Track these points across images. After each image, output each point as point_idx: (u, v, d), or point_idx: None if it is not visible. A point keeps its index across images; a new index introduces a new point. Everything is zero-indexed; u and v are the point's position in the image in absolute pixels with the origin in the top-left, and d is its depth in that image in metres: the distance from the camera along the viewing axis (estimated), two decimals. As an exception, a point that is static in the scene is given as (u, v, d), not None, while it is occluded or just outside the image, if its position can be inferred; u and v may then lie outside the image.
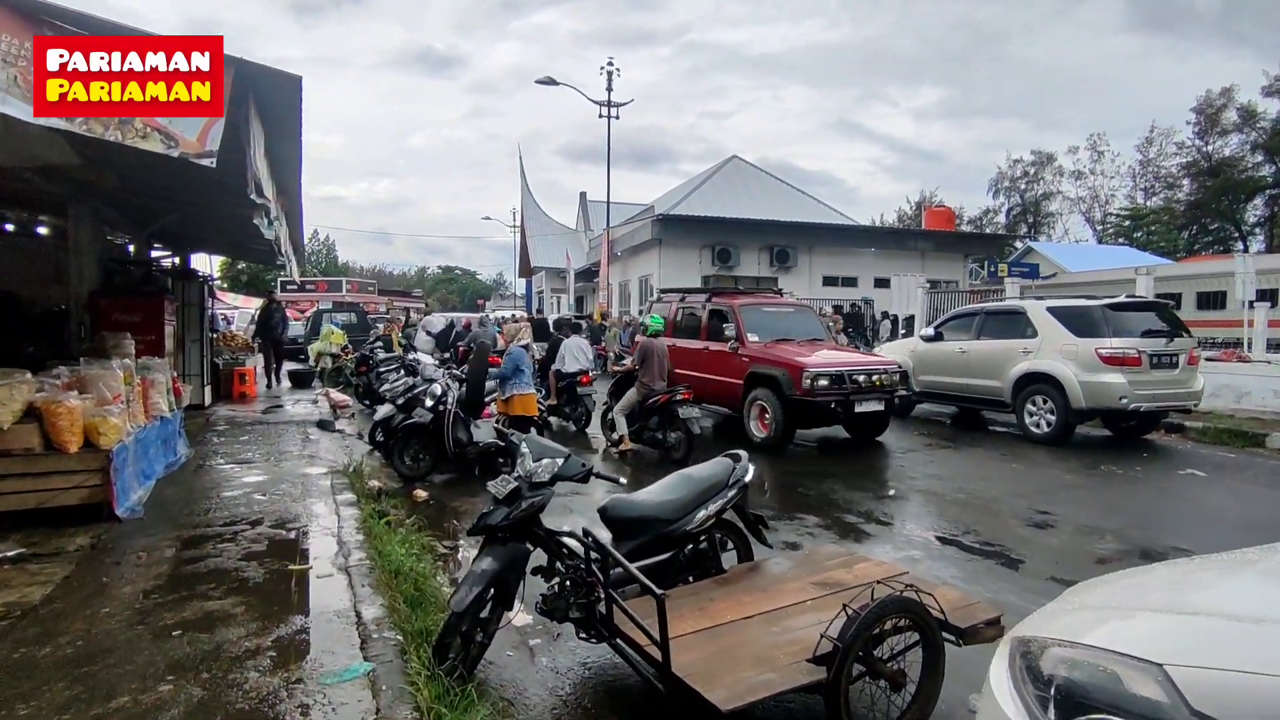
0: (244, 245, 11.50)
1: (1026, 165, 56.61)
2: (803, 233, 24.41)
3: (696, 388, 9.05)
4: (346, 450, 8.30)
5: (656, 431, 8.36)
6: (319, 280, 58.03)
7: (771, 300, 10.97)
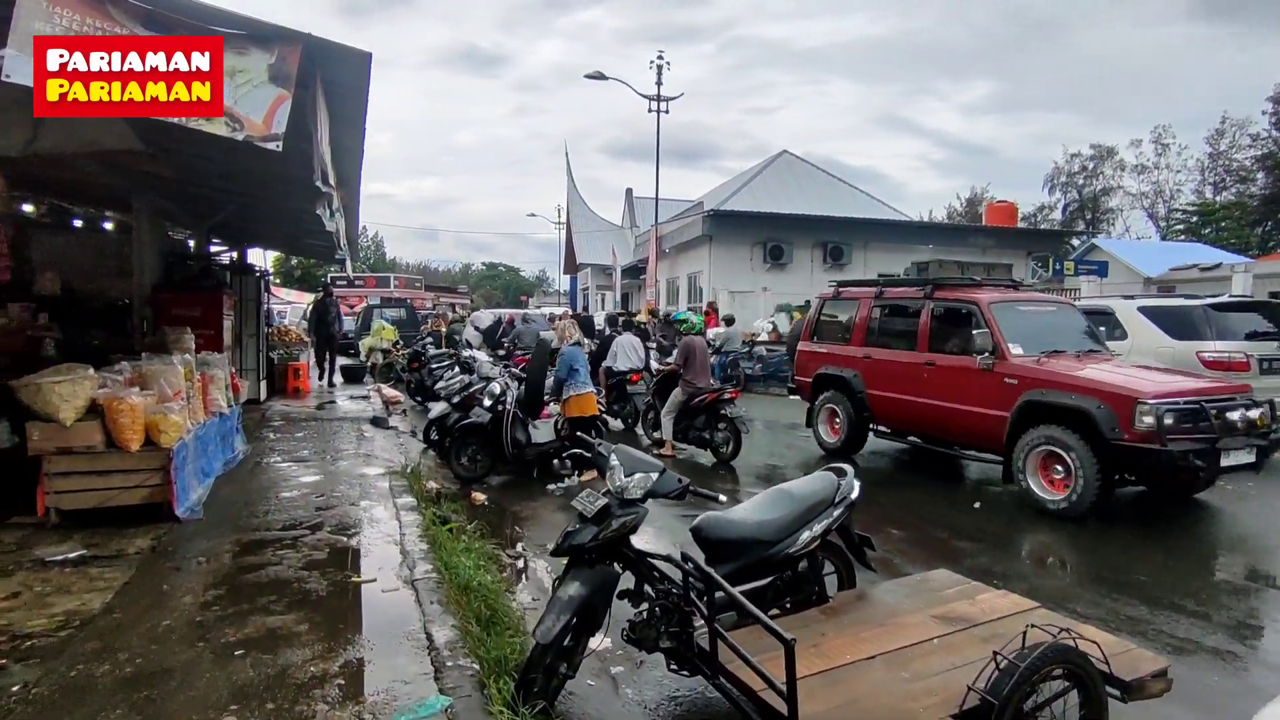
0: (300, 240, 11.48)
1: (1085, 159, 54.19)
2: (858, 229, 23.68)
3: (911, 416, 7.51)
4: (401, 449, 8.14)
5: (704, 431, 8.08)
6: (368, 276, 59.05)
7: (1026, 296, 7.98)
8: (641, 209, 41.12)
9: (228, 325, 8.39)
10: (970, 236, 24.20)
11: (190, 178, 7.09)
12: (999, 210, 24.73)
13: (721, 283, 21.73)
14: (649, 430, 9.18)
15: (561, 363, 7.21)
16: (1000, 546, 5.38)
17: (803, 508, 3.27)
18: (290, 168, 5.13)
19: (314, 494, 5.57)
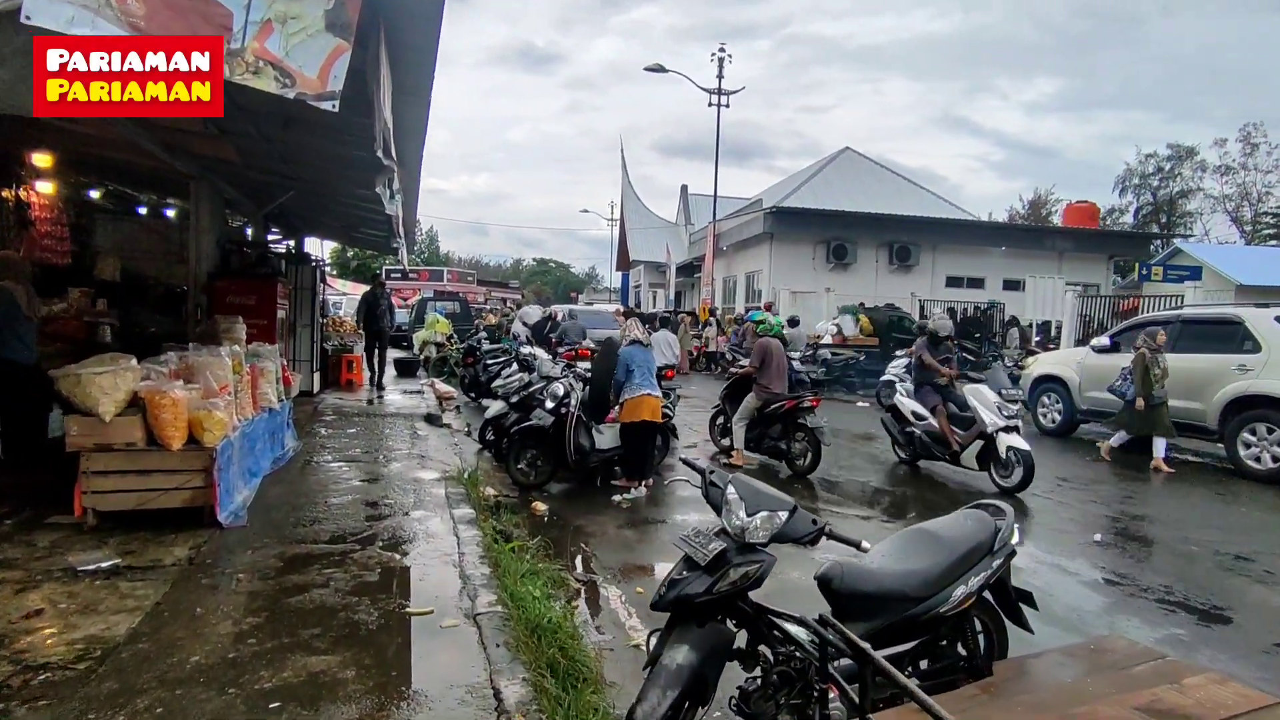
0: (357, 230, 11.22)
1: (1161, 160, 51.08)
2: (926, 228, 22.58)
3: None
4: (456, 449, 7.71)
5: (779, 441, 7.53)
6: (422, 269, 59.71)
7: None
8: (696, 206, 40.41)
9: (281, 315, 8.10)
10: (1046, 239, 22.91)
11: (250, 161, 6.79)
12: (1079, 211, 23.30)
13: (782, 282, 20.95)
14: (716, 437, 8.64)
15: (620, 364, 6.66)
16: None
17: (955, 556, 2.65)
18: (348, 144, 4.72)
19: (365, 500, 5.14)
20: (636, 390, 6.52)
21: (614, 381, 6.64)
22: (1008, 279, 22.62)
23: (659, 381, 9.96)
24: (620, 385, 6.59)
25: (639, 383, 6.57)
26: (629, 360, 6.61)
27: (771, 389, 7.57)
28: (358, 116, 3.70)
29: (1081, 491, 7.13)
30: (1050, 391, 10.47)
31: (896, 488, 7.16)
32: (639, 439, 6.60)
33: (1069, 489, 7.20)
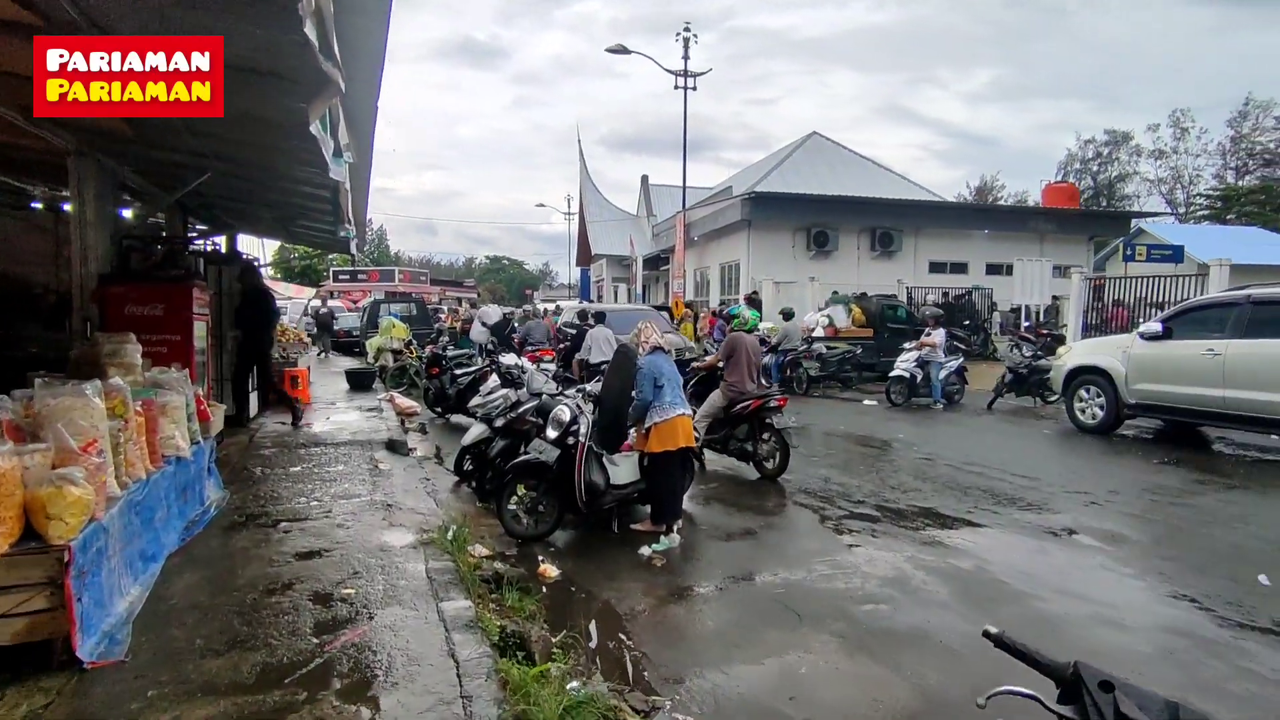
0: (297, 222, 9.53)
1: (1099, 146, 52.90)
2: (908, 212, 21.69)
3: None
4: (428, 485, 6.24)
5: (745, 442, 6.97)
6: (371, 270, 57.26)
7: None
8: (658, 197, 39.12)
9: (200, 328, 6.46)
10: (1029, 220, 22.26)
11: (146, 134, 5.18)
12: (1059, 191, 22.72)
13: (763, 272, 19.80)
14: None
15: (643, 378, 5.26)
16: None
17: None
18: (281, 109, 3.26)
19: (313, 592, 3.64)
20: (669, 411, 5.14)
21: (637, 401, 5.25)
22: (990, 263, 21.93)
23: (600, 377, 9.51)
24: (646, 405, 5.20)
25: (670, 401, 5.20)
26: (655, 373, 5.22)
27: (742, 388, 6.81)
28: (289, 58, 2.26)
29: (1180, 508, 6.02)
30: (1089, 384, 9.42)
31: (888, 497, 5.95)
32: (670, 472, 5.23)
33: (1166, 504, 6.08)
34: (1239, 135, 48.56)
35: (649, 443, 5.24)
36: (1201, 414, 8.25)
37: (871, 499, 6.15)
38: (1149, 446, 8.56)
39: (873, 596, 4.11)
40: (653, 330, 5.63)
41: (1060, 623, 3.76)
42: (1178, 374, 8.37)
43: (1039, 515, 5.73)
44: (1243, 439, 8.78)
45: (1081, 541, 5.11)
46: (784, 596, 4.09)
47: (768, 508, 5.97)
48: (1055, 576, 4.45)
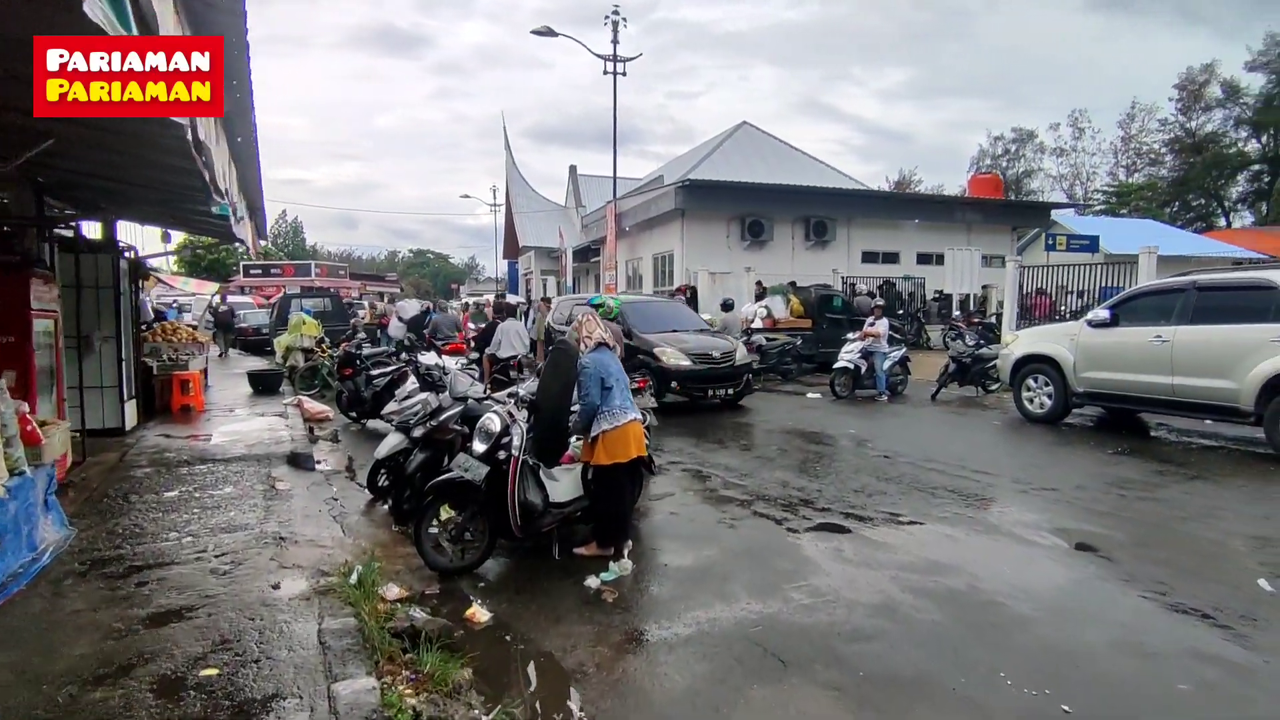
0: (181, 205, 8.30)
1: (1007, 143, 55.93)
2: (841, 202, 21.57)
3: None
4: (335, 509, 5.37)
5: None
6: (285, 264, 54.28)
7: None
8: (587, 188, 38.25)
9: (43, 327, 5.34)
10: (956, 211, 22.51)
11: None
12: (984, 182, 23.12)
13: (698, 263, 19.28)
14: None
15: (588, 380, 4.55)
16: None
17: None
18: None
19: (163, 675, 2.78)
20: (619, 416, 4.45)
21: (582, 406, 4.53)
22: (921, 252, 22.08)
23: (509, 373, 9.54)
24: (592, 411, 4.49)
25: (620, 404, 4.50)
26: (601, 373, 4.51)
27: None
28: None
29: (1149, 503, 5.73)
30: (1037, 373, 9.24)
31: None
32: (619, 486, 4.54)
33: (1134, 499, 5.78)
34: (1128, 135, 52.02)
35: (596, 454, 4.53)
36: (1150, 402, 8.14)
37: (837, 505, 5.62)
38: (1097, 435, 8.40)
39: (862, 631, 3.53)
40: (595, 323, 4.90)
41: (1079, 656, 3.26)
42: (1126, 362, 8.24)
43: (1014, 518, 5.31)
44: (1181, 425, 8.76)
45: (1066, 547, 4.70)
46: (762, 636, 3.46)
47: (727, 520, 5.35)
48: (1053, 594, 3.99)
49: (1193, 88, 47.46)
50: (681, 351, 9.83)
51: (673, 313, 11.84)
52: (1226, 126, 47.61)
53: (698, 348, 10.07)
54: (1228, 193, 49.45)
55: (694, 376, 9.80)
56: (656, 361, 9.66)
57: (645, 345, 10.03)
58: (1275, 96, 44.06)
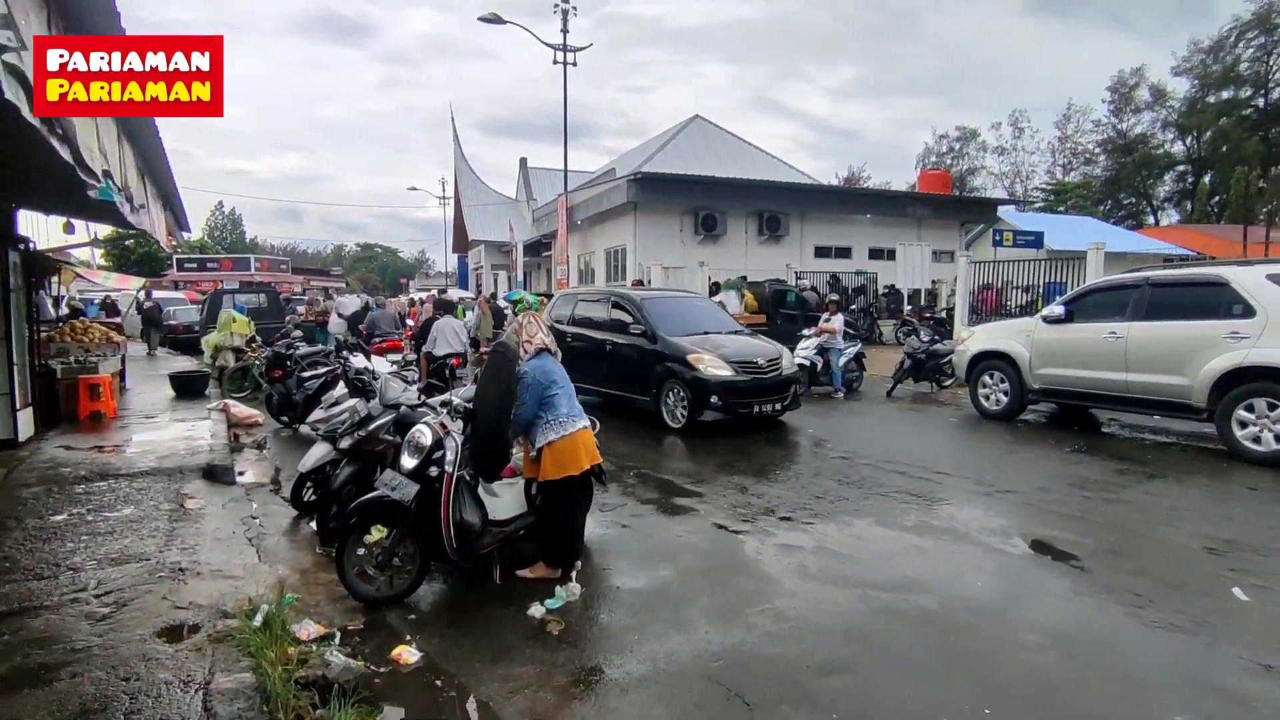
0: (85, 191, 7.54)
1: (952, 141, 57.58)
2: (795, 197, 21.52)
3: None
4: (253, 528, 4.84)
5: None
6: (223, 258, 52.15)
7: None
8: (539, 181, 37.62)
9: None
10: (907, 206, 22.69)
11: None
12: (934, 178, 23.38)
13: (651, 257, 18.96)
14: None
15: (526, 391, 4.14)
16: None
17: None
18: None
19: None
20: (567, 424, 4.08)
21: (516, 418, 4.12)
22: (873, 247, 22.20)
23: (446, 371, 9.37)
24: (527, 422, 4.09)
25: (568, 412, 4.12)
26: (545, 381, 4.12)
27: None
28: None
29: (1114, 505, 5.59)
30: (993, 370, 9.16)
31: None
32: (569, 502, 4.15)
33: (1099, 501, 5.63)
34: (1065, 135, 54.03)
35: (542, 467, 4.13)
36: (1105, 398, 8.09)
37: (798, 514, 5.33)
38: (1053, 432, 8.34)
39: (833, 663, 3.21)
40: (537, 326, 4.48)
41: (1069, 688, 3.00)
42: (1082, 358, 8.18)
43: (981, 524, 5.09)
44: (1131, 420, 8.78)
45: (1039, 559, 4.48)
46: (724, 673, 3.11)
47: (682, 532, 5.00)
48: (1034, 612, 3.73)
49: (1123, 90, 49.51)
50: (721, 359, 8.07)
51: (700, 311, 9.88)
52: (1155, 128, 49.85)
53: (740, 354, 8.28)
54: (1156, 192, 51.75)
55: (737, 389, 8.02)
56: (691, 371, 8.06)
57: (675, 352, 8.32)
58: (1198, 100, 46.17)
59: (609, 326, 9.40)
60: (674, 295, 10.62)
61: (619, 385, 9.12)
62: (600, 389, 9.32)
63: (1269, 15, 41.61)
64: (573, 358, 9.16)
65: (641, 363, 8.68)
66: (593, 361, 9.26)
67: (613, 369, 9.15)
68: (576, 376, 8.90)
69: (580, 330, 9.75)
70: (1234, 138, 44.30)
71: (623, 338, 9.06)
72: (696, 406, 8.05)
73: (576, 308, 10.17)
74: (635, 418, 8.80)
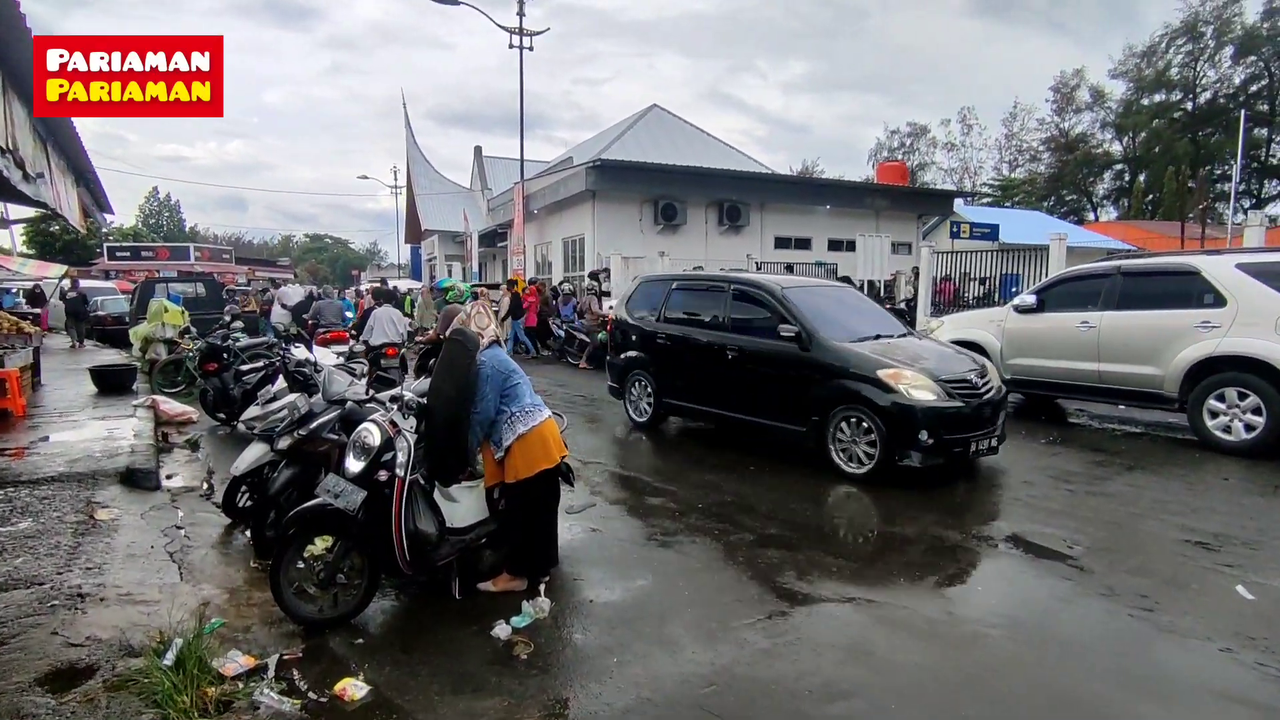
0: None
1: (903, 136, 58.78)
2: (755, 186, 21.29)
3: None
4: (175, 541, 4.30)
5: None
6: (159, 246, 49.79)
7: None
8: (494, 170, 36.72)
9: None
10: (866, 197, 22.69)
11: None
12: (891, 169, 23.43)
13: (610, 246, 18.50)
14: None
15: (485, 383, 3.70)
16: None
17: None
18: None
19: None
20: (532, 415, 3.67)
21: (477, 416, 3.68)
22: (832, 238, 22.14)
23: (381, 361, 9.16)
24: (490, 419, 3.66)
25: (531, 402, 3.72)
26: (504, 370, 3.69)
27: None
28: None
29: (1099, 499, 5.43)
30: (963, 360, 9.01)
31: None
32: (538, 503, 3.74)
33: (1083, 494, 5.46)
34: (1011, 133, 55.56)
35: (511, 467, 3.70)
36: (1077, 388, 8.01)
37: (780, 512, 5.01)
38: (1024, 423, 8.19)
39: (836, 686, 2.88)
40: (487, 316, 4.03)
41: (1094, 706, 2.73)
42: (1053, 348, 8.07)
43: (970, 521, 4.85)
44: (1098, 410, 8.75)
45: (1036, 560, 4.24)
46: (716, 701, 2.76)
47: (658, 535, 4.63)
48: (1038, 619, 3.47)
49: (1065, 90, 51.08)
50: (927, 376, 5.68)
51: (858, 306, 7.43)
52: (1094, 128, 51.57)
53: (945, 368, 5.93)
54: (1095, 189, 53.55)
55: (952, 420, 5.58)
56: (887, 394, 5.58)
57: (851, 364, 5.90)
58: (1133, 103, 47.85)
59: (730, 326, 7.03)
60: (818, 284, 7.85)
61: (751, 408, 6.75)
62: (719, 411, 7.15)
63: (1195, 24, 43.22)
64: (668, 365, 7.66)
65: (791, 378, 6.33)
66: (704, 373, 7.18)
67: (740, 385, 6.85)
68: (679, 391, 7.60)
69: (679, 330, 7.54)
70: (1166, 139, 45.97)
71: (756, 341, 6.67)
72: (895, 444, 5.52)
73: (671, 299, 7.83)
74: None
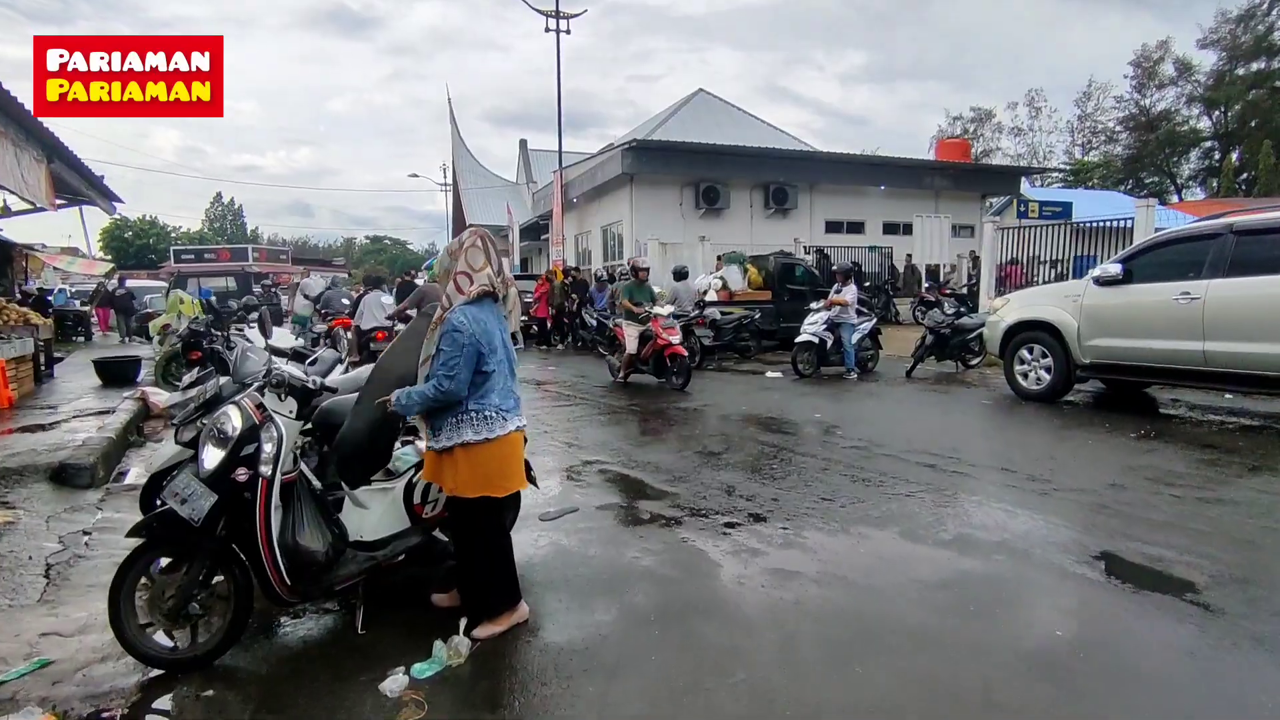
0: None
1: (966, 122, 56.13)
2: (803, 166, 19.99)
3: None
4: (72, 549, 3.61)
5: None
6: (221, 249, 51.38)
7: None
8: (538, 162, 36.23)
9: None
10: (924, 176, 21.08)
11: None
12: (952, 146, 21.79)
13: (648, 232, 17.55)
14: None
15: (455, 346, 2.60)
16: None
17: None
18: None
19: None
20: (495, 424, 2.71)
21: (437, 391, 2.63)
22: (887, 221, 20.71)
23: (370, 345, 9.07)
24: (458, 396, 2.67)
25: (500, 404, 2.73)
26: (482, 341, 2.64)
27: None
28: None
29: (1214, 506, 4.23)
30: (1032, 343, 7.77)
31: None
32: (478, 532, 2.83)
33: (1192, 500, 4.28)
34: (1084, 114, 52.23)
35: (457, 475, 2.73)
36: (1175, 373, 6.71)
37: (798, 521, 4.01)
38: (1107, 415, 6.96)
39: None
40: (483, 254, 2.81)
41: None
42: (1144, 326, 6.79)
43: (1045, 537, 3.75)
44: (1198, 400, 7.44)
45: (1139, 591, 3.14)
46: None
47: (643, 551, 3.70)
48: (1160, 688, 2.41)
49: (1147, 65, 47.58)
50: None
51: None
52: (1179, 104, 47.98)
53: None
54: (1180, 170, 49.88)
55: None
56: None
57: None
58: (1226, 74, 44.06)
59: None
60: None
61: None
62: None
63: (1304, -20, 39.39)
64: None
65: None
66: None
67: None
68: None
69: None
70: (1264, 111, 42.20)
71: None
72: None
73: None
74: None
